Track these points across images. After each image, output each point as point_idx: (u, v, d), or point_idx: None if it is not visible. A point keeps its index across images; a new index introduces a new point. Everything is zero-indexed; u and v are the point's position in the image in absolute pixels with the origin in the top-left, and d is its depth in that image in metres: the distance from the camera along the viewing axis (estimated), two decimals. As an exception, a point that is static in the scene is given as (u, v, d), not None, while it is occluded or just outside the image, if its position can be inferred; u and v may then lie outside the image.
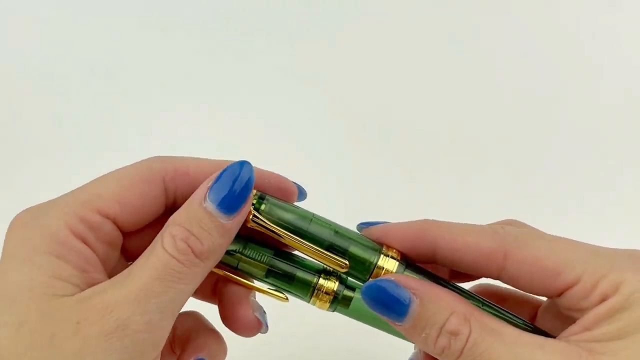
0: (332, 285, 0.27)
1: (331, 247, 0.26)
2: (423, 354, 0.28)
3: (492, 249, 0.24)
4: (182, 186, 0.26)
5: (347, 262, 0.26)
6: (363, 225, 0.28)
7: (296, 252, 0.28)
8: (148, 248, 0.24)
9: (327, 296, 0.27)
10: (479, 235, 0.25)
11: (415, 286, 0.24)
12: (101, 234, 0.25)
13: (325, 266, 0.27)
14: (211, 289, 0.29)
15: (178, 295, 0.23)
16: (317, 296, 0.27)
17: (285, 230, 0.26)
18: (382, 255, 0.26)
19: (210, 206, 0.23)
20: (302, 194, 0.28)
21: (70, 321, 0.21)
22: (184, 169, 0.26)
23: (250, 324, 0.28)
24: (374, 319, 0.27)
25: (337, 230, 0.27)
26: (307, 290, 0.27)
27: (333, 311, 0.28)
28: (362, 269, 0.26)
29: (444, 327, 0.23)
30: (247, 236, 0.27)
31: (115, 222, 0.25)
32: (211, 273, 0.27)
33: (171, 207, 0.27)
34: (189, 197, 0.26)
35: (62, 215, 0.24)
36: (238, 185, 0.24)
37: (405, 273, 0.26)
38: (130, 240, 0.27)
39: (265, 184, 0.27)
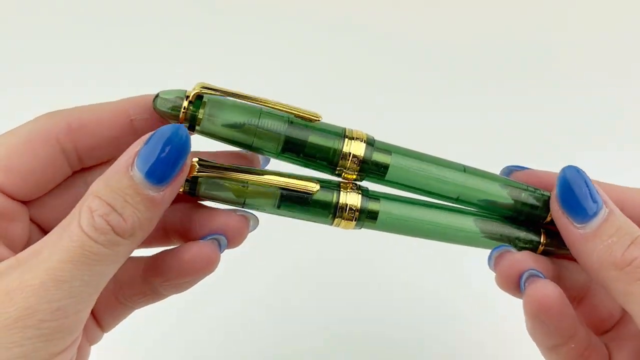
0: (354, 200, 0.24)
1: (287, 141, 0.23)
2: (495, 261, 0.25)
3: None
4: (82, 141, 0.23)
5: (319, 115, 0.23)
6: (514, 168, 0.27)
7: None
8: (64, 220, 0.21)
9: (352, 214, 0.24)
10: None
11: (606, 197, 0.23)
12: None
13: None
14: (162, 235, 0.26)
15: (95, 278, 0.20)
16: (340, 216, 0.24)
17: (232, 134, 0.23)
18: (346, 139, 0.24)
19: (138, 175, 0.20)
20: None
21: None
22: (78, 121, 0.23)
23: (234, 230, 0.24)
24: (405, 228, 0.25)
25: (292, 120, 0.23)
26: (328, 212, 0.24)
27: (360, 229, 0.25)
28: (327, 158, 0.24)
29: (638, 239, 0.22)
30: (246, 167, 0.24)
31: (3, 192, 0.22)
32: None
33: (78, 167, 0.24)
34: (94, 152, 0.23)
35: None
36: (170, 151, 0.20)
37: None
38: (41, 209, 0.24)
39: None
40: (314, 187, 0.23)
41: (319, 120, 0.23)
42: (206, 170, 0.23)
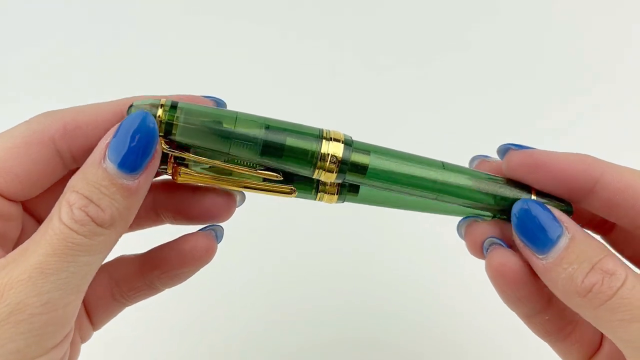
0: (332, 177, 0.25)
1: (266, 145, 0.23)
2: (465, 230, 0.26)
3: None
4: (77, 143, 0.23)
5: (286, 184, 0.25)
6: (511, 146, 0.25)
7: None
8: (47, 218, 0.21)
9: (334, 188, 0.25)
10: None
11: (567, 221, 0.22)
12: None
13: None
14: (153, 214, 0.27)
15: (81, 269, 0.21)
16: (322, 190, 0.25)
17: (208, 142, 0.23)
18: (323, 141, 0.24)
19: (110, 166, 0.21)
20: (220, 104, 0.25)
21: None
22: (73, 123, 0.23)
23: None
24: (385, 199, 0.26)
25: (269, 125, 0.24)
26: (311, 187, 0.25)
27: (342, 202, 0.26)
28: (305, 160, 0.24)
29: (598, 264, 0.21)
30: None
31: (0, 194, 0.23)
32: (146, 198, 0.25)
33: (73, 166, 0.24)
34: (89, 153, 0.23)
35: None
36: (139, 140, 0.21)
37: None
38: (39, 204, 0.25)
39: None
40: (290, 192, 0.25)
41: (294, 194, 0.24)
42: (188, 180, 0.24)
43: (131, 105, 0.23)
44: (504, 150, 0.25)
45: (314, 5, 0.63)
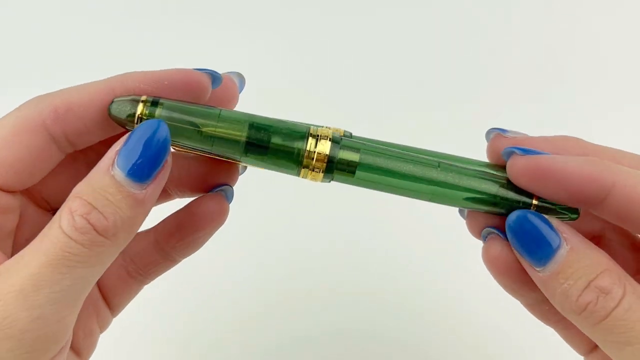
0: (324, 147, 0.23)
1: (250, 143, 0.23)
2: (466, 213, 0.25)
3: None
4: (71, 125, 0.22)
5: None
6: (515, 150, 0.23)
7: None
8: (47, 225, 0.20)
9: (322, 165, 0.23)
10: None
11: (568, 232, 0.21)
12: None
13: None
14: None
15: (77, 282, 0.19)
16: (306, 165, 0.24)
17: (190, 140, 0.23)
18: (310, 138, 0.23)
19: (119, 174, 0.20)
20: (216, 79, 0.24)
21: None
22: (64, 106, 0.22)
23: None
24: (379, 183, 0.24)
25: (254, 122, 0.23)
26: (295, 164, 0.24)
27: (329, 182, 0.24)
28: (291, 159, 0.23)
29: (594, 282, 0.20)
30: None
31: None
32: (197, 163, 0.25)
33: (70, 150, 0.23)
34: (84, 136, 0.23)
35: None
36: (151, 148, 0.20)
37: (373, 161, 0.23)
38: (40, 190, 0.24)
39: (166, 87, 0.23)
40: None
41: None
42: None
43: (112, 101, 0.22)
44: (508, 153, 0.23)
45: (314, 5, 0.63)
